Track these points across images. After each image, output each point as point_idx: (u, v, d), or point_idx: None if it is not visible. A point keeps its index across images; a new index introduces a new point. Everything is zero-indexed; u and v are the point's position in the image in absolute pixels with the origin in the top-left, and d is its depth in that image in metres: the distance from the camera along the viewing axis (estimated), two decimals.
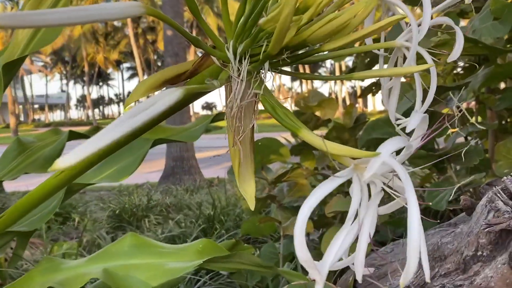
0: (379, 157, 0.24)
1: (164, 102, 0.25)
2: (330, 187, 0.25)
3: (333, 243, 0.25)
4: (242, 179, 0.32)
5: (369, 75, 0.33)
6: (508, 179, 0.43)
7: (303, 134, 0.27)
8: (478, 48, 0.84)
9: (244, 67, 0.29)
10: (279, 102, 0.30)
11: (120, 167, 0.88)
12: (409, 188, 0.24)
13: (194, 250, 0.74)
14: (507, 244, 0.44)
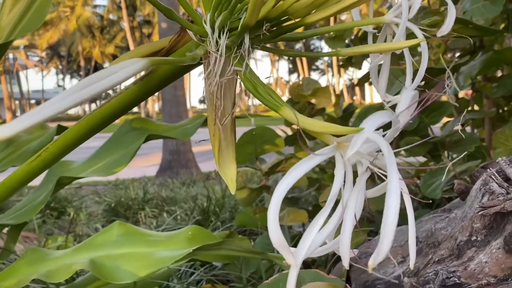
0: (362, 132, 0.23)
1: (127, 71, 0.23)
2: (308, 166, 0.23)
3: (311, 227, 0.23)
4: (222, 161, 0.30)
5: (357, 51, 0.31)
6: (503, 160, 0.42)
7: (284, 112, 0.26)
8: (468, 29, 0.82)
9: (223, 41, 0.27)
10: (261, 81, 0.28)
11: (111, 161, 0.87)
12: (392, 165, 0.22)
13: (184, 237, 0.73)
14: (502, 228, 0.42)
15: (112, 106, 0.32)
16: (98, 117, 0.33)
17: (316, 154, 0.24)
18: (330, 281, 0.50)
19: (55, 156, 0.35)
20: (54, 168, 0.86)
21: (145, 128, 0.84)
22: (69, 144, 0.34)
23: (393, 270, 0.60)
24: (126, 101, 0.33)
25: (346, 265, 0.25)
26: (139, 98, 0.33)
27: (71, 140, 0.34)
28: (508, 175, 0.40)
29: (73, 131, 0.34)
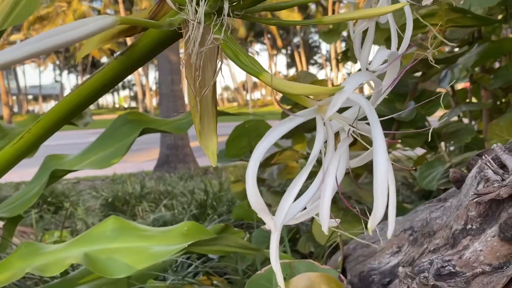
0: (342, 91, 0.22)
1: (95, 24, 0.22)
2: (288, 127, 0.23)
3: (289, 190, 0.23)
4: (203, 134, 0.29)
5: (341, 17, 0.30)
6: (498, 147, 0.41)
7: (264, 77, 0.25)
8: (466, 18, 0.82)
9: (201, 7, 0.26)
10: (243, 50, 0.28)
11: (106, 154, 0.86)
12: (375, 123, 0.21)
13: (179, 233, 0.72)
14: (497, 216, 0.42)
15: (95, 83, 0.32)
16: (80, 95, 0.32)
17: (297, 115, 0.23)
18: (324, 271, 0.50)
19: (37, 138, 0.35)
20: (48, 161, 0.86)
21: (140, 121, 0.83)
22: (51, 125, 0.33)
23: (388, 260, 0.59)
24: (109, 77, 0.32)
25: (325, 230, 0.24)
26: (121, 73, 0.32)
27: (53, 120, 0.33)
28: (503, 162, 0.40)
29: (55, 111, 0.33)
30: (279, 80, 0.24)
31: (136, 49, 0.31)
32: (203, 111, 0.29)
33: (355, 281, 0.65)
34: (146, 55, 0.32)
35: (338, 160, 0.24)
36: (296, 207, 0.24)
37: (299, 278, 0.48)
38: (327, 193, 0.23)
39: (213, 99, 0.30)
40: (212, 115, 0.30)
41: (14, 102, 31.37)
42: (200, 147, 1.03)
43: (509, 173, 0.38)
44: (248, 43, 29.29)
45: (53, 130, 0.35)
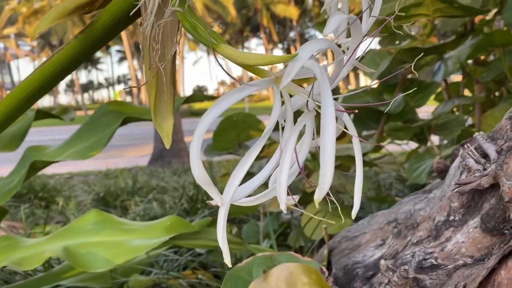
0: (297, 58, 0.20)
1: None
2: (240, 96, 0.21)
3: (240, 164, 0.22)
4: (158, 113, 0.28)
5: None
6: (480, 135, 0.40)
7: (222, 49, 0.23)
8: (453, 8, 0.80)
9: None
10: (203, 22, 0.26)
11: (87, 145, 0.84)
12: (326, 91, 0.20)
13: (162, 227, 0.71)
14: (480, 206, 0.41)
15: (54, 64, 0.30)
16: (39, 78, 0.31)
17: (249, 85, 0.21)
18: (304, 263, 0.49)
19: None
20: (29, 153, 0.84)
21: (122, 111, 0.81)
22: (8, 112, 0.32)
23: (372, 253, 0.58)
24: (68, 58, 0.30)
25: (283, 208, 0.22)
26: (82, 53, 0.30)
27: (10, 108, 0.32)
28: (485, 151, 0.39)
29: (12, 97, 0.31)
30: (234, 51, 0.23)
31: (95, 26, 0.29)
32: (160, 88, 0.28)
33: (339, 274, 0.64)
34: (107, 33, 0.30)
35: (297, 135, 0.22)
36: (249, 186, 0.23)
37: (279, 268, 0.46)
38: (284, 170, 0.21)
39: (171, 76, 0.28)
40: (170, 94, 0.28)
41: None
42: None
43: (491, 162, 0.37)
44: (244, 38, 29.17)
45: (11, 118, 0.33)
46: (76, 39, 0.30)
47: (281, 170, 0.21)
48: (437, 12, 0.82)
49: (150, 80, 0.27)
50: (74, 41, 0.31)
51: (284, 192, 0.21)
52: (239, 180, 0.22)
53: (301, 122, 0.23)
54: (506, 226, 0.36)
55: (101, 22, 0.30)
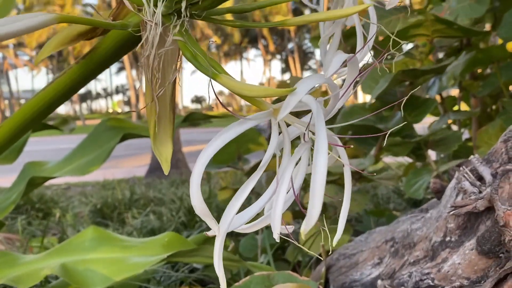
0: (294, 93, 0.21)
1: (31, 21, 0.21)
2: (239, 130, 0.22)
3: (237, 196, 0.22)
4: (158, 139, 0.28)
5: (305, 19, 0.29)
6: (475, 158, 0.40)
7: (222, 79, 0.24)
8: (452, 30, 0.81)
9: (159, 8, 0.25)
10: (203, 51, 0.27)
11: (85, 161, 0.84)
12: (320, 124, 0.20)
13: (159, 244, 0.71)
14: (476, 228, 0.41)
15: (56, 88, 0.31)
16: (41, 101, 0.31)
17: (248, 119, 0.22)
18: (302, 282, 0.49)
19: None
20: (27, 168, 0.84)
21: (121, 127, 0.82)
22: (11, 133, 0.32)
23: (370, 271, 0.58)
24: (70, 82, 0.31)
25: (276, 238, 0.23)
26: (83, 78, 0.31)
27: (13, 129, 0.32)
28: (480, 174, 0.39)
29: (15, 119, 0.32)
30: (233, 82, 0.23)
31: (97, 52, 0.30)
32: (160, 115, 0.28)
33: None
34: (107, 58, 0.31)
35: (294, 166, 0.22)
36: (245, 215, 0.23)
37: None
38: (280, 201, 0.22)
39: (171, 102, 0.29)
40: (170, 120, 0.29)
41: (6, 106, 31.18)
42: (192, 152, 1.01)
43: (486, 186, 0.37)
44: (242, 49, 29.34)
45: (13, 139, 0.33)
46: (78, 64, 0.31)
47: (277, 202, 0.22)
48: (436, 33, 0.83)
49: (150, 106, 0.28)
50: (75, 66, 0.31)
51: (279, 223, 0.22)
52: (235, 211, 0.22)
53: (298, 153, 0.23)
54: (501, 249, 0.36)
55: (102, 48, 0.30)
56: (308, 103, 0.21)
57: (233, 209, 0.22)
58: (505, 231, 0.34)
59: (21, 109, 0.33)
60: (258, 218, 0.28)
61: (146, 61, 0.26)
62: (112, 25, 0.26)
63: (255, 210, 0.24)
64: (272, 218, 0.22)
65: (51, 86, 0.32)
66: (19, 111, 0.33)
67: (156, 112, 0.27)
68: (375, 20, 0.30)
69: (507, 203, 0.34)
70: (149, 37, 0.25)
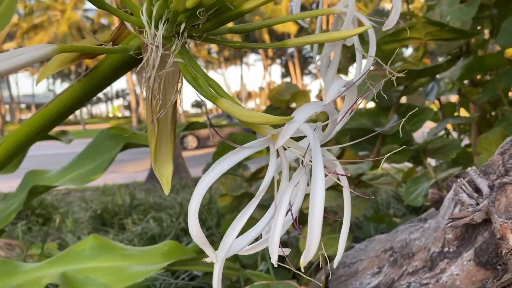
0: (292, 122, 0.21)
1: (30, 55, 0.22)
2: (236, 159, 0.22)
3: (235, 224, 0.22)
4: (159, 160, 0.28)
5: (303, 41, 0.30)
6: (473, 170, 0.41)
7: (221, 103, 0.24)
8: (444, 32, 0.82)
9: (159, 31, 0.25)
10: (203, 72, 0.27)
11: (86, 170, 0.85)
12: (317, 157, 0.21)
13: (159, 252, 0.71)
14: (474, 239, 0.41)
15: (57, 105, 0.31)
16: (43, 118, 0.31)
17: (245, 147, 0.22)
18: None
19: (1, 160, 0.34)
20: (29, 177, 0.84)
21: (123, 137, 0.82)
22: (12, 149, 0.33)
23: (369, 280, 0.58)
24: (71, 99, 0.31)
25: (274, 263, 0.23)
26: (84, 95, 0.31)
27: (14, 145, 0.32)
28: (477, 185, 0.39)
29: (17, 135, 0.32)
30: (233, 108, 0.24)
31: (98, 71, 0.31)
32: (160, 135, 0.29)
33: None
34: (108, 77, 0.31)
35: (292, 190, 0.23)
36: (244, 239, 0.24)
37: None
38: (278, 226, 0.22)
39: (172, 123, 0.29)
40: (170, 140, 0.29)
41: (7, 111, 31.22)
42: (192, 157, 1.01)
43: (483, 198, 0.38)
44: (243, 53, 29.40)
45: (14, 155, 0.34)
46: (79, 83, 0.31)
47: (275, 228, 0.22)
48: (428, 36, 0.84)
49: (151, 126, 0.28)
50: (77, 84, 0.32)
51: (276, 249, 0.22)
52: (234, 237, 0.23)
53: (296, 178, 0.23)
54: (499, 261, 0.36)
55: (103, 67, 0.31)
56: (306, 132, 0.22)
57: (232, 235, 0.23)
58: (502, 244, 0.34)
59: (24, 125, 0.33)
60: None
61: (147, 83, 0.27)
62: (113, 51, 0.26)
63: (254, 235, 0.24)
64: (270, 244, 0.22)
65: (53, 103, 0.32)
66: (22, 127, 0.34)
67: (157, 133, 0.28)
68: (374, 43, 0.31)
69: (504, 216, 0.35)
70: (150, 59, 0.26)
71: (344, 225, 0.26)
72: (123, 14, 0.27)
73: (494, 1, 1.26)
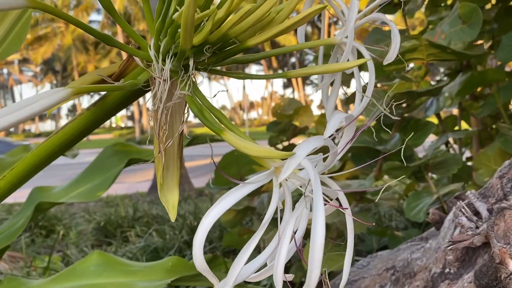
0: (294, 157, 0.22)
1: (49, 100, 0.23)
2: (239, 195, 0.23)
3: (240, 256, 0.23)
4: (165, 187, 0.29)
5: (304, 72, 0.31)
6: (472, 194, 0.42)
7: (226, 136, 0.26)
8: (446, 53, 0.83)
9: (167, 66, 0.26)
10: (211, 104, 0.28)
11: (91, 186, 0.86)
12: (317, 194, 0.22)
13: (163, 268, 0.72)
14: (474, 261, 0.42)
15: (68, 132, 0.32)
16: (53, 145, 0.33)
17: (247, 183, 0.23)
18: None
19: (11, 186, 0.35)
20: (35, 193, 0.85)
21: (127, 152, 0.84)
22: (24, 173, 0.34)
23: None
24: (81, 127, 0.32)
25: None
26: (93, 123, 0.32)
27: (26, 169, 0.34)
28: (477, 209, 0.40)
29: (28, 160, 0.33)
30: (238, 141, 0.25)
31: (107, 101, 0.32)
32: (167, 163, 0.30)
33: None
34: (117, 106, 0.32)
35: (295, 221, 0.24)
36: (250, 267, 0.25)
37: None
38: (282, 256, 0.23)
39: (178, 151, 0.30)
40: (177, 167, 0.30)
41: None
42: (195, 167, 1.02)
43: (483, 221, 0.39)
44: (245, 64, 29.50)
45: (26, 178, 0.35)
46: (89, 111, 0.33)
47: (279, 257, 0.23)
48: (430, 56, 0.85)
49: (158, 156, 0.29)
50: (87, 113, 0.33)
51: (281, 277, 0.23)
52: (241, 268, 0.23)
53: (299, 209, 0.24)
54: (498, 284, 0.37)
55: (112, 97, 0.32)
56: (306, 168, 0.23)
57: (239, 265, 0.23)
58: (501, 268, 0.35)
59: (33, 152, 0.35)
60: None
61: (154, 114, 0.28)
62: (122, 87, 0.28)
63: (259, 263, 0.25)
64: (275, 273, 0.23)
65: (63, 131, 0.33)
66: (32, 154, 0.35)
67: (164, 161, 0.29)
68: (373, 74, 0.32)
69: (503, 240, 0.36)
70: (157, 92, 0.27)
71: (348, 252, 0.27)
72: (131, 49, 0.28)
73: (494, 15, 1.28)
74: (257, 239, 0.24)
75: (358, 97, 0.32)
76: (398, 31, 0.34)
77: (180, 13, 0.24)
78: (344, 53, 0.30)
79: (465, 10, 0.80)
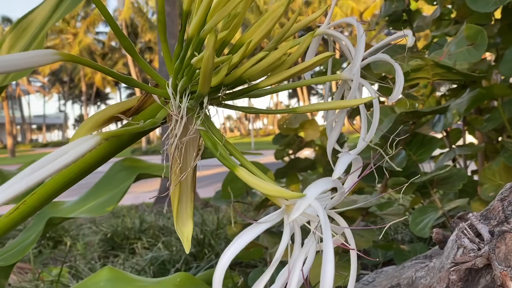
0: (305, 199, 0.24)
1: (79, 149, 0.24)
2: (254, 234, 0.24)
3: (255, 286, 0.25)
4: (180, 219, 0.31)
5: (313, 108, 0.33)
6: (473, 216, 0.43)
7: (239, 173, 0.27)
8: (451, 74, 0.85)
9: (184, 104, 0.28)
10: (224, 138, 0.30)
11: (101, 201, 0.88)
12: (327, 236, 0.23)
13: (172, 284, 0.73)
14: (477, 281, 0.43)
15: (86, 160, 0.34)
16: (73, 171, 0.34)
17: (261, 222, 0.25)
18: None
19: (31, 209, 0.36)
20: (45, 209, 0.87)
21: (135, 167, 0.85)
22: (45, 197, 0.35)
23: None
24: (99, 157, 0.34)
25: None
26: (111, 153, 0.34)
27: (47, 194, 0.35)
28: (479, 231, 0.41)
29: (49, 185, 0.35)
30: (251, 178, 0.26)
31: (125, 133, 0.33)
32: (181, 195, 0.31)
33: None
34: (134, 137, 0.34)
35: (304, 257, 0.25)
36: None
37: None
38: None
39: (192, 184, 0.32)
40: (190, 200, 0.32)
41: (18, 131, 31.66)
42: (201, 177, 1.04)
43: (484, 243, 0.40)
44: None
45: (47, 201, 0.36)
46: (107, 142, 0.34)
47: None
48: (436, 76, 0.87)
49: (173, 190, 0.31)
50: (105, 143, 0.35)
51: None
52: None
53: (308, 245, 0.26)
54: None
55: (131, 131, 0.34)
56: (316, 210, 0.24)
57: None
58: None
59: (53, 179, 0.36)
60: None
61: (169, 149, 0.29)
62: (143, 128, 0.29)
63: None
64: None
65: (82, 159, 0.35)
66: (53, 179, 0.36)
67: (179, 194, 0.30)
68: (378, 113, 0.33)
69: (504, 263, 0.37)
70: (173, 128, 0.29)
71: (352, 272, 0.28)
72: (150, 88, 0.30)
73: (497, 31, 1.29)
74: (267, 278, 0.25)
75: (363, 131, 0.33)
76: (407, 48, 0.36)
77: (198, 59, 0.26)
78: (351, 91, 0.32)
79: (471, 32, 0.82)
